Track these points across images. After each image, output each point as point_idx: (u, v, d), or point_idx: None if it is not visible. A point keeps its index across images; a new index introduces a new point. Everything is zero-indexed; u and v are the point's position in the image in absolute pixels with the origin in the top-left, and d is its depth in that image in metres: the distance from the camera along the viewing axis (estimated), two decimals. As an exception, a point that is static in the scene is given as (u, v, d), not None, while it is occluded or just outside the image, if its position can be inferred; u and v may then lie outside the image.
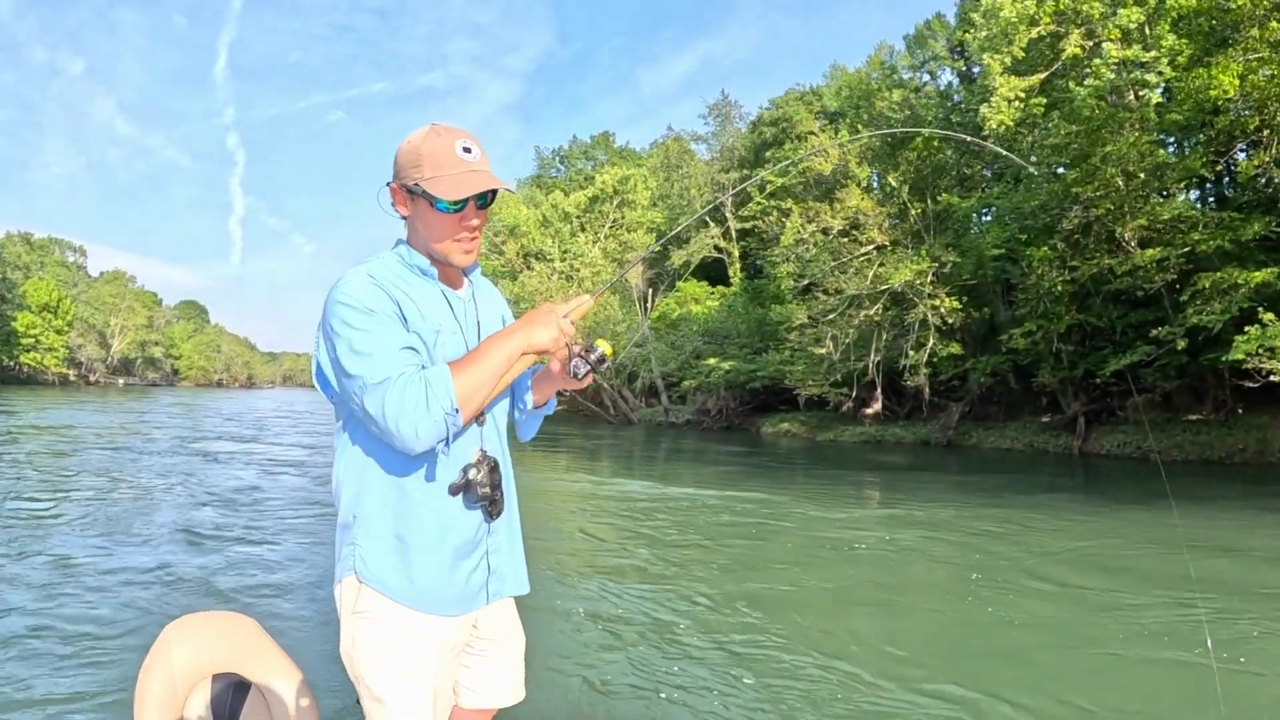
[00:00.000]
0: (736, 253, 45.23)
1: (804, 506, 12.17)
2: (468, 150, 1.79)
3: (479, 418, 1.92)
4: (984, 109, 20.27)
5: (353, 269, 1.80)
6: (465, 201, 1.80)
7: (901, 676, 4.61)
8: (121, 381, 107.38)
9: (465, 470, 1.83)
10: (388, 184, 1.87)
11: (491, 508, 1.89)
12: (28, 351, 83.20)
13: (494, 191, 1.83)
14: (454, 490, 1.81)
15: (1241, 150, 19.71)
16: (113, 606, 5.82)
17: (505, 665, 2.07)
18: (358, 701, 1.87)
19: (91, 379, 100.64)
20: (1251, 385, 16.41)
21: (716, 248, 46.33)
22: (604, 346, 1.94)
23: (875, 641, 5.26)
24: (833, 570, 7.80)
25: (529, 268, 44.69)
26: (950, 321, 24.93)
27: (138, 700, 2.12)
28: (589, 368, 1.93)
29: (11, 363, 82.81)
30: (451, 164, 1.77)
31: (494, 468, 1.88)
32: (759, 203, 37.34)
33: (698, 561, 8.14)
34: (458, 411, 1.69)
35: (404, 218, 1.89)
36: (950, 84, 33.68)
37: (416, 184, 1.79)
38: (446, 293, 1.91)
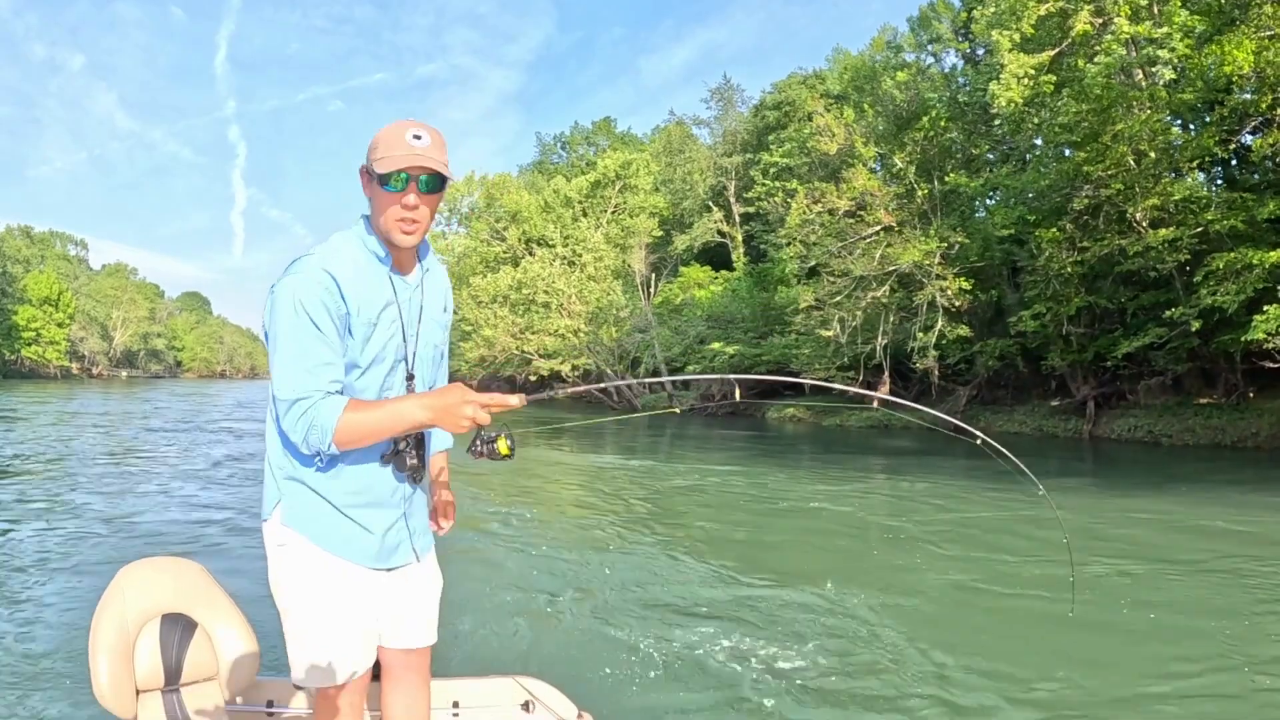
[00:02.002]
0: (740, 237, 44.93)
1: (805, 488, 11.99)
2: (418, 137, 1.90)
3: (409, 380, 2.11)
4: (993, 86, 19.96)
5: (312, 259, 1.91)
6: (405, 182, 1.89)
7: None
8: (124, 374, 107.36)
9: (397, 442, 2.02)
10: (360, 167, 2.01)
11: (414, 476, 2.08)
12: (29, 345, 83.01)
13: (439, 179, 1.93)
14: (385, 459, 2.02)
15: (1248, 134, 19.39)
16: (76, 552, 6.90)
17: (420, 610, 2.21)
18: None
19: (94, 372, 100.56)
20: (1272, 365, 16.18)
21: (720, 232, 46.04)
22: (502, 448, 2.00)
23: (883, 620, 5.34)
24: (831, 548, 7.62)
25: (530, 253, 44.43)
26: (958, 304, 24.67)
27: (93, 635, 2.28)
28: (479, 455, 2.02)
29: (13, 356, 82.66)
30: (399, 147, 1.89)
31: (421, 440, 2.08)
32: (763, 184, 37.03)
33: (698, 536, 8.40)
34: (333, 446, 1.85)
35: (369, 198, 2.00)
36: (955, 66, 33.26)
37: (371, 164, 1.92)
38: (394, 280, 2.02)
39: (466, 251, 49.07)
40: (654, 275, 46.45)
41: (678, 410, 3.35)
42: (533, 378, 44.69)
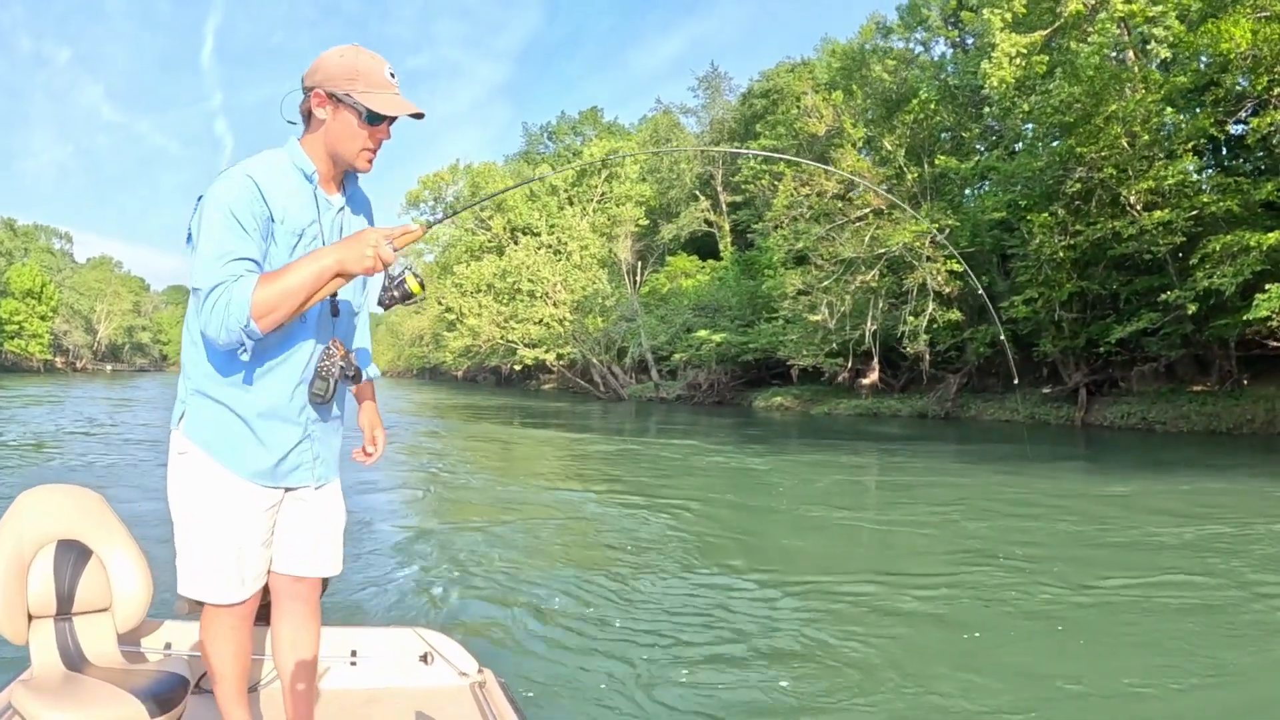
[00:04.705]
0: (727, 226, 44.49)
1: (791, 478, 11.63)
2: (392, 75, 2.00)
3: (333, 309, 2.09)
4: (985, 65, 19.54)
5: (238, 167, 1.94)
6: (382, 119, 1.97)
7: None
8: (109, 368, 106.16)
9: (312, 355, 2.06)
10: (310, 89, 1.97)
11: (322, 395, 2.05)
12: (11, 339, 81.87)
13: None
14: (300, 382, 2.05)
15: (1238, 122, 19.05)
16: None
17: (322, 539, 2.21)
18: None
19: (78, 365, 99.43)
20: (1275, 344, 15.94)
21: (707, 221, 45.57)
22: (412, 284, 1.96)
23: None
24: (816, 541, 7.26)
25: (515, 242, 43.90)
26: (948, 289, 24.28)
27: None
28: (391, 300, 1.98)
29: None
30: (382, 85, 1.97)
31: (346, 355, 2.07)
32: (751, 167, 36.57)
33: (612, 501, 8.66)
34: (251, 322, 1.80)
35: (319, 121, 2.00)
36: (944, 55, 32.83)
37: (349, 94, 1.94)
38: (319, 197, 2.05)
39: (452, 240, 48.45)
40: (640, 264, 45.99)
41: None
42: (518, 367, 44.17)
